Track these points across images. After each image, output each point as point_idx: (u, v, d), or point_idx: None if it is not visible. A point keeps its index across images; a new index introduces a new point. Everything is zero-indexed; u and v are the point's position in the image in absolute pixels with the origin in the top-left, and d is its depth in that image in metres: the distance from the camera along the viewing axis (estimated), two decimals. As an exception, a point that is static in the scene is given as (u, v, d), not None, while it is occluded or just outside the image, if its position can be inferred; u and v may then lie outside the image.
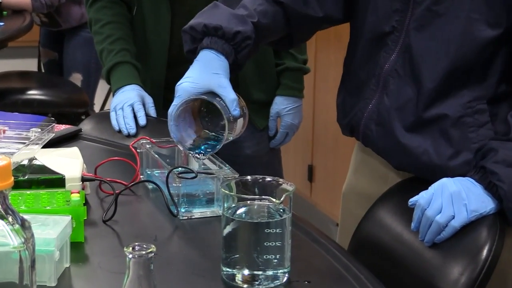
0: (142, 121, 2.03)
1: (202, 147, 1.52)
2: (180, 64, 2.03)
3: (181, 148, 1.54)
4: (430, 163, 1.49)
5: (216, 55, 1.50)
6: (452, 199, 1.38)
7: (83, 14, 3.90)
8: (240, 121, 1.51)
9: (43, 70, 4.27)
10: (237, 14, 1.54)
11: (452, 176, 1.43)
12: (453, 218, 1.38)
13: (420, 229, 1.42)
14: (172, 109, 1.49)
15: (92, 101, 4.04)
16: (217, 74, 1.48)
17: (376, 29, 1.54)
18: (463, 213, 1.38)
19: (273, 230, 1.21)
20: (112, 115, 2.07)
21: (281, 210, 1.23)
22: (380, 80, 1.54)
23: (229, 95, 1.47)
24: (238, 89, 2.07)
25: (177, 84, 1.50)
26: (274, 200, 1.23)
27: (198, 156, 1.52)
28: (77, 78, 3.98)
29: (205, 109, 1.53)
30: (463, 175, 1.43)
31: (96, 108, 4.16)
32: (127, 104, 2.05)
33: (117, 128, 2.04)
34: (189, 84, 1.48)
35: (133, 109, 2.04)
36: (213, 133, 1.52)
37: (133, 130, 2.01)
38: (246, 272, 1.22)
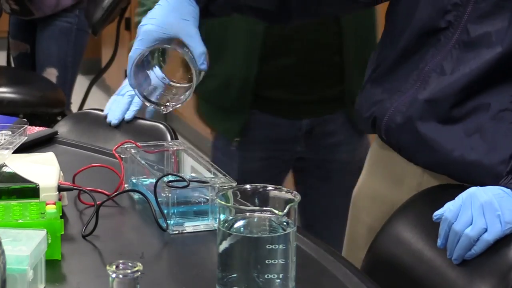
0: (128, 115, 2.04)
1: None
2: (276, 57, 2.00)
3: (139, 98, 1.56)
4: (461, 159, 1.49)
5: None
6: (484, 210, 1.39)
7: (59, 1, 3.90)
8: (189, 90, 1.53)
9: (13, 65, 4.27)
10: None
11: (486, 174, 1.43)
12: (486, 231, 1.39)
13: (448, 245, 1.42)
14: (134, 54, 1.53)
15: (69, 100, 4.04)
16: (186, 21, 1.50)
17: (429, 24, 1.56)
18: (496, 225, 1.38)
19: (275, 246, 1.21)
20: (111, 99, 2.11)
21: (285, 223, 1.24)
22: (421, 74, 1.56)
23: (198, 47, 1.50)
24: (343, 85, 2.07)
25: (139, 25, 1.53)
26: (276, 212, 1.23)
27: (158, 107, 1.54)
28: (51, 74, 3.98)
29: (162, 56, 1.55)
30: (498, 175, 1.44)
31: (74, 107, 4.16)
32: (129, 93, 2.06)
33: (105, 112, 2.08)
34: (154, 27, 1.50)
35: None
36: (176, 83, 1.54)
37: (115, 121, 2.03)
38: None
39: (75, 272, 1.36)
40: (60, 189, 1.51)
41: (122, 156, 1.68)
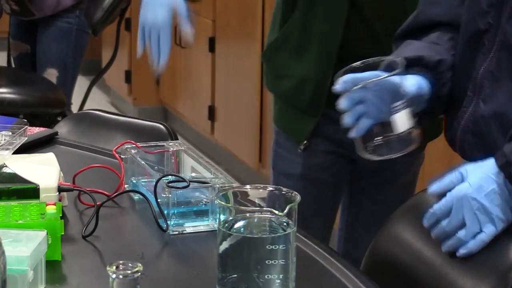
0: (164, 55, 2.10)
1: None
2: (352, 60, 1.95)
3: None
4: None
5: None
6: (478, 216, 1.39)
7: (59, 2, 3.90)
8: None
9: (13, 65, 4.27)
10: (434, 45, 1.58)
11: None
12: (480, 233, 1.39)
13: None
14: None
15: (69, 100, 4.04)
16: None
17: (472, 28, 1.55)
18: (491, 227, 1.38)
19: (275, 247, 1.21)
20: (140, 34, 2.11)
21: (285, 224, 1.24)
22: (476, 84, 1.54)
23: None
24: None
25: None
26: (276, 212, 1.23)
27: None
28: (52, 74, 3.98)
29: None
30: None
31: (74, 108, 4.16)
32: (155, 28, 2.08)
33: (140, 51, 2.11)
34: None
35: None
36: None
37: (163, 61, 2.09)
38: None
39: (75, 273, 1.36)
40: (60, 189, 1.51)
41: (122, 156, 1.68)
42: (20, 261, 1.20)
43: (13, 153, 1.63)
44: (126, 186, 1.67)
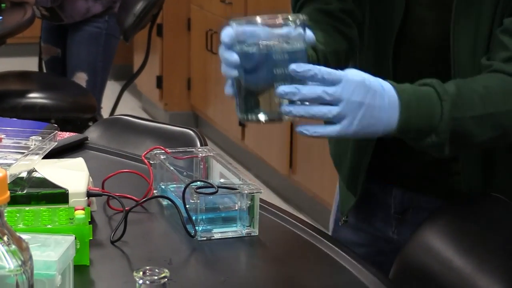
0: None
1: None
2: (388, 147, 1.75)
3: None
4: None
5: None
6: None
7: (89, 9, 3.93)
8: None
9: (44, 69, 4.31)
10: None
11: None
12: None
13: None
14: None
15: (99, 104, 4.07)
16: None
17: None
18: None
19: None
20: None
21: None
22: None
23: None
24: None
25: None
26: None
27: None
28: (81, 78, 4.01)
29: None
30: None
31: (105, 113, 4.18)
32: None
33: None
34: None
35: None
36: None
37: None
38: None
39: (103, 278, 1.36)
40: (89, 194, 1.52)
41: (151, 162, 1.69)
42: (48, 266, 1.20)
43: (43, 158, 1.64)
44: (154, 191, 1.67)
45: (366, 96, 1.35)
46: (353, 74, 1.35)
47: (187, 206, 1.51)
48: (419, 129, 1.39)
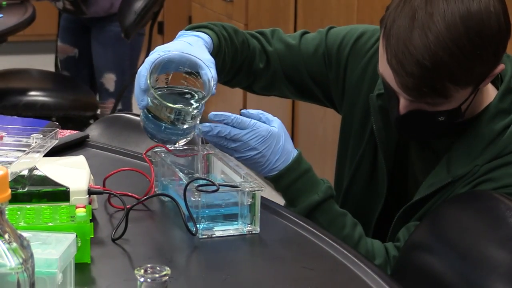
0: None
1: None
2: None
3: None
4: None
5: None
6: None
7: (113, 4, 3.91)
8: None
9: (60, 68, 4.30)
10: None
11: None
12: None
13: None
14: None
15: (129, 101, 4.07)
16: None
17: None
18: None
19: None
20: None
21: None
22: None
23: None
24: None
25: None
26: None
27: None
28: (110, 79, 4.00)
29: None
30: None
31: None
32: None
33: None
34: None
35: None
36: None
37: None
38: None
39: (104, 276, 1.36)
40: (90, 192, 1.52)
41: (152, 159, 1.69)
42: (49, 264, 1.20)
43: (44, 156, 1.64)
44: (156, 189, 1.67)
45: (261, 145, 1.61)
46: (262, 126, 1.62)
47: (188, 204, 1.51)
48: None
